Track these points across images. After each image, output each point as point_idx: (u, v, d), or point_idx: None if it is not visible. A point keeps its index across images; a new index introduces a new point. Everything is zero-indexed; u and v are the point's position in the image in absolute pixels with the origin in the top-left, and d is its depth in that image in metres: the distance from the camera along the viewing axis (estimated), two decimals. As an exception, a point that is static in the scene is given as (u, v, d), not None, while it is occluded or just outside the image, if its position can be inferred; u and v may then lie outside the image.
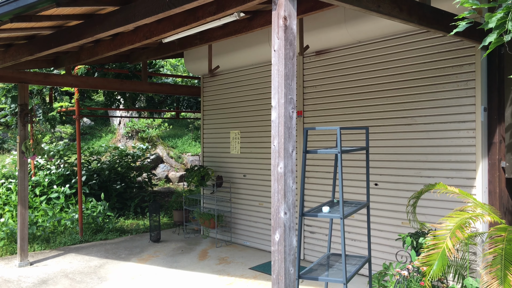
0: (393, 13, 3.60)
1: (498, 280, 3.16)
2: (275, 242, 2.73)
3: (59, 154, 10.55)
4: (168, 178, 13.70)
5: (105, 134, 16.46)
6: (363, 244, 5.88)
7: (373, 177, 5.74)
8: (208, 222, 7.84)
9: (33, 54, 5.32)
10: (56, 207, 9.07)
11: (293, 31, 2.75)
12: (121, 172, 10.95)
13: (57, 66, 7.05)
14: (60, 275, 6.24)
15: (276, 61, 2.74)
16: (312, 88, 6.50)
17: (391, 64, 5.55)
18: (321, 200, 6.37)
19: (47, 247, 7.71)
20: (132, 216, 10.13)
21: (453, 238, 3.39)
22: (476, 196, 4.76)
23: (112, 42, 5.43)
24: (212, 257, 7.00)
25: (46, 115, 8.76)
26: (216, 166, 8.25)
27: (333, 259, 4.11)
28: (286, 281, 2.70)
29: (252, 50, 7.06)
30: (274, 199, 2.75)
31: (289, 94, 2.73)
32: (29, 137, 6.97)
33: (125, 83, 8.09)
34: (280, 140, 2.71)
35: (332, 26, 5.83)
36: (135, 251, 7.42)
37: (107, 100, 9.85)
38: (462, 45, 4.89)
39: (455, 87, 4.97)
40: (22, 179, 6.84)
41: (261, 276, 6.00)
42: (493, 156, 4.71)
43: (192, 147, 15.95)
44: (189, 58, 8.38)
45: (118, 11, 4.15)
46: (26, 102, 6.88)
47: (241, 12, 4.60)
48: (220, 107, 8.16)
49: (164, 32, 4.59)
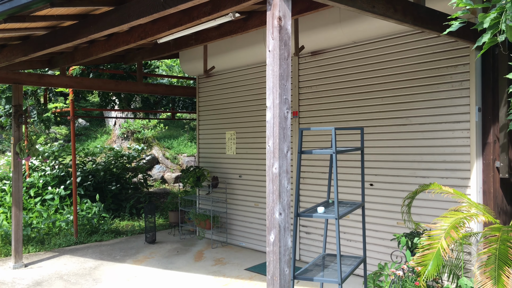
0: (388, 14, 3.61)
1: (492, 280, 3.16)
2: (270, 243, 2.73)
3: (54, 155, 10.51)
4: (163, 179, 13.67)
5: (100, 135, 16.41)
6: (358, 244, 5.88)
7: (368, 177, 5.75)
8: (203, 223, 7.82)
9: (27, 54, 5.29)
10: (51, 208, 9.03)
11: (287, 32, 2.74)
12: (116, 173, 10.91)
13: (51, 66, 7.02)
14: (55, 277, 6.20)
15: (271, 62, 2.73)
16: (308, 88, 6.50)
17: (386, 65, 5.56)
18: (316, 201, 6.37)
19: (41, 248, 7.67)
20: (128, 217, 10.10)
21: (448, 238, 3.40)
22: (470, 196, 4.77)
23: (107, 42, 5.41)
24: (208, 258, 6.99)
25: (41, 116, 8.72)
26: (211, 167, 8.24)
27: (329, 260, 4.11)
28: (281, 281, 2.70)
29: (247, 50, 7.06)
30: (269, 200, 2.74)
31: (284, 95, 2.73)
32: (23, 138, 6.93)
33: (120, 83, 8.07)
34: (275, 141, 2.71)
35: (327, 26, 5.84)
36: (131, 253, 7.39)
37: (102, 101, 9.82)
38: (457, 46, 4.90)
39: (450, 87, 4.98)
40: (16, 181, 6.80)
41: (256, 277, 5.99)
42: (487, 156, 4.73)
43: (188, 148, 15.92)
44: (185, 58, 8.37)
45: (113, 12, 4.14)
46: (20, 103, 6.84)
47: (236, 13, 4.60)
48: (216, 107, 8.16)
49: (159, 32, 4.58)
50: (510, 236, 3.36)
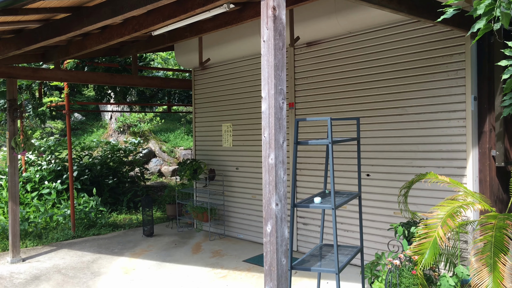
0: (383, 3, 3.59)
1: (488, 267, 3.18)
2: (267, 233, 2.73)
3: (50, 149, 10.47)
4: (160, 173, 13.66)
5: (97, 129, 16.36)
6: (355, 234, 5.91)
7: (364, 167, 5.76)
8: (201, 215, 7.83)
9: (20, 48, 5.24)
10: (48, 203, 9.01)
11: (282, 21, 2.73)
12: (113, 167, 10.90)
13: (46, 60, 6.97)
14: (53, 270, 6.21)
15: (265, 52, 2.72)
16: (304, 79, 6.48)
17: (382, 55, 5.55)
18: (313, 191, 6.38)
19: (39, 243, 7.67)
20: (125, 211, 10.10)
21: (445, 227, 3.41)
22: (467, 185, 4.79)
23: (101, 35, 5.37)
24: (206, 250, 7.00)
25: (36, 110, 8.67)
26: (208, 159, 8.23)
27: (326, 250, 4.13)
28: (279, 272, 2.71)
29: (243, 42, 7.03)
30: (266, 191, 2.74)
31: (279, 85, 2.71)
32: (19, 132, 6.90)
33: (115, 77, 8.03)
34: (270, 131, 2.70)
35: (323, 17, 5.81)
36: (128, 246, 7.40)
37: (97, 94, 9.78)
38: (452, 35, 4.89)
39: (446, 76, 4.98)
40: (13, 175, 6.78)
41: (254, 268, 6.01)
42: (483, 145, 4.74)
43: (185, 141, 15.90)
44: (180, 51, 8.32)
45: (106, 4, 4.10)
46: (15, 97, 6.80)
47: (230, 4, 4.56)
48: (212, 100, 8.13)
49: (153, 24, 4.54)
50: (506, 224, 3.38)
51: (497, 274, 3.14)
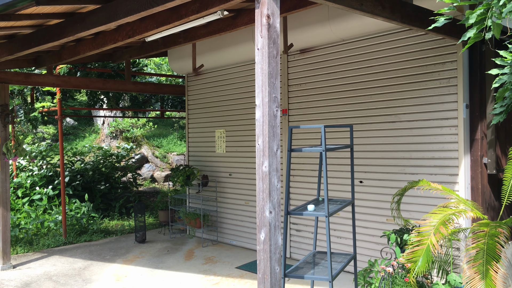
0: (376, 11, 3.62)
1: (480, 275, 3.20)
2: (261, 241, 2.73)
3: (42, 155, 10.40)
4: (153, 178, 13.60)
5: (89, 134, 16.28)
6: (348, 241, 5.91)
7: (357, 174, 5.77)
8: (194, 221, 7.80)
9: (13, 53, 5.22)
10: (39, 208, 8.93)
11: (276, 30, 2.74)
12: (105, 172, 10.83)
13: (38, 65, 6.93)
14: (44, 277, 6.14)
15: (259, 60, 2.73)
16: (297, 86, 6.50)
17: (374, 62, 5.58)
18: (306, 198, 6.38)
19: (30, 249, 7.59)
20: (117, 217, 10.03)
21: (437, 234, 3.42)
22: (459, 192, 4.81)
23: (94, 41, 5.36)
24: (198, 257, 6.97)
25: (28, 115, 8.62)
26: (201, 165, 8.21)
27: (319, 257, 4.12)
28: (272, 280, 2.70)
29: (236, 48, 7.04)
30: (259, 198, 2.74)
31: (273, 93, 2.72)
32: (10, 138, 6.84)
33: (108, 82, 8.00)
34: (264, 139, 2.70)
35: (316, 24, 5.84)
36: (120, 252, 7.34)
37: (90, 99, 9.73)
38: (444, 43, 4.94)
39: (438, 84, 5.02)
40: (4, 181, 6.72)
41: (247, 275, 5.99)
42: (475, 153, 4.77)
43: (178, 146, 15.86)
44: (173, 57, 8.32)
45: (100, 10, 4.10)
46: (6, 102, 6.75)
47: (224, 11, 4.57)
48: (205, 106, 8.13)
49: (147, 30, 4.54)
50: (498, 232, 3.39)
51: (489, 282, 3.16)
